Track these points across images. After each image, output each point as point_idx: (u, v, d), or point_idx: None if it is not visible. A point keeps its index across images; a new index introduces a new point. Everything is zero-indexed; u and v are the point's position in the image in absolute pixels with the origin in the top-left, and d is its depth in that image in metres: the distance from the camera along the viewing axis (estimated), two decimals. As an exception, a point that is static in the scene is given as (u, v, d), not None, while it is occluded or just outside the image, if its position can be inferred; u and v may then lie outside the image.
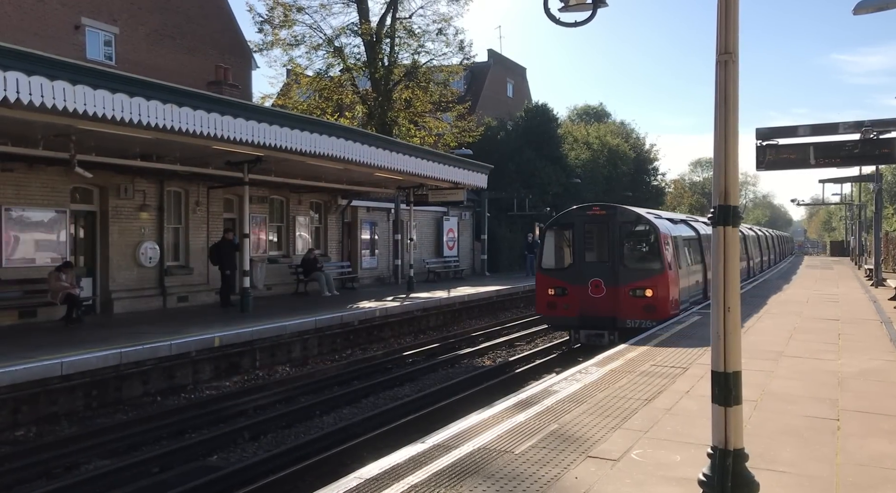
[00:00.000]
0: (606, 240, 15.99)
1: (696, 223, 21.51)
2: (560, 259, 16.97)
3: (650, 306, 15.33)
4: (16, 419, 10.65)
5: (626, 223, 16.15)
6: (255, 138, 14.75)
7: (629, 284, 15.46)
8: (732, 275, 4.42)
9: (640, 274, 15.58)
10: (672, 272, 15.74)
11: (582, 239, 16.19)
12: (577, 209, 16.91)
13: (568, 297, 15.96)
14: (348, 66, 33.29)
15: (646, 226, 16.13)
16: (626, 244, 16.15)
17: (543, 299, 16.47)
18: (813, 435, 6.80)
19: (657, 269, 15.52)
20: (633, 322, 15.24)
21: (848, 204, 59.78)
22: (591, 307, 15.72)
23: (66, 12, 24.34)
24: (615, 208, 16.42)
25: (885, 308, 18.73)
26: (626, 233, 16.16)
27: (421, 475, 5.62)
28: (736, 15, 4.38)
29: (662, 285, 15.39)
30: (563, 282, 16.13)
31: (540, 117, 45.84)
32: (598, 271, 15.76)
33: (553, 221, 17.57)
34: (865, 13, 12.94)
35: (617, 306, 15.48)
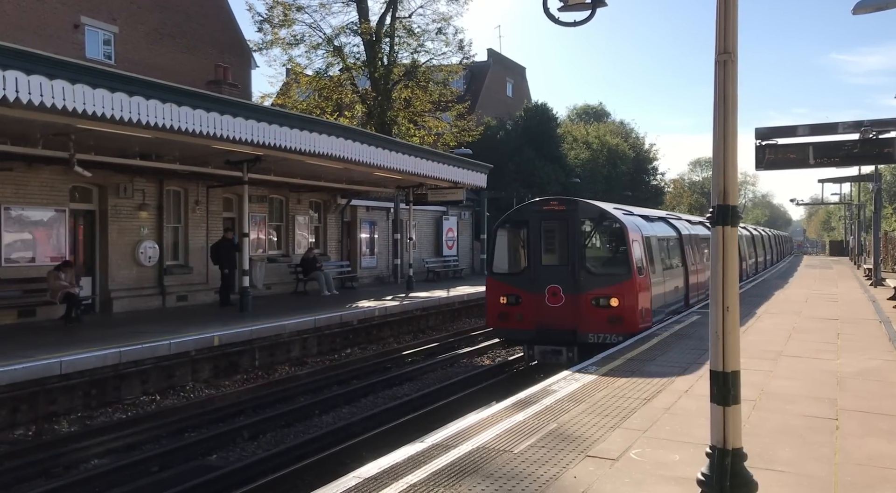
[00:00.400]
0: (566, 240, 13.90)
1: (677, 221, 19.87)
2: (513, 262, 14.84)
3: (615, 317, 13.25)
4: (15, 419, 10.65)
5: (589, 220, 14.03)
6: (254, 138, 14.75)
7: (591, 291, 13.36)
8: (731, 275, 4.42)
9: (605, 280, 13.56)
10: (643, 278, 13.76)
11: (538, 239, 13.98)
12: (533, 204, 14.83)
13: (522, 306, 13.85)
14: (348, 66, 33.29)
15: (611, 223, 14.02)
16: (588, 245, 14.17)
17: (494, 308, 14.35)
18: (812, 435, 6.80)
19: (623, 273, 13.47)
20: (595, 337, 13.24)
21: (847, 204, 59.83)
22: (548, 319, 13.61)
23: (65, 11, 24.32)
24: (575, 203, 14.24)
25: (884, 308, 18.73)
26: (588, 231, 14.13)
27: (420, 475, 5.62)
28: (735, 15, 4.38)
29: (630, 292, 13.31)
30: (517, 289, 14.00)
31: (539, 117, 45.86)
32: (557, 276, 13.65)
33: (505, 218, 15.12)
34: (865, 13, 12.95)
35: (578, 317, 13.38)
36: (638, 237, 14.04)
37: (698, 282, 19.27)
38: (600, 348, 12.01)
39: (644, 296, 13.76)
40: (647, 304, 13.91)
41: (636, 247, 13.74)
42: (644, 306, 13.76)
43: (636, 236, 13.94)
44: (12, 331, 14.55)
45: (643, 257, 14.02)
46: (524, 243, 14.25)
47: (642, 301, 13.66)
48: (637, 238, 13.94)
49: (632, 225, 14.14)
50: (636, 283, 13.42)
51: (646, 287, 13.90)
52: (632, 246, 13.51)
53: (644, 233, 14.68)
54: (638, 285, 13.47)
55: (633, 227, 14.17)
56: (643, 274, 13.81)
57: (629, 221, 14.31)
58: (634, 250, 13.59)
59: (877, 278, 27.86)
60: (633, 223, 14.33)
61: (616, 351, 11.54)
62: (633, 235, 13.72)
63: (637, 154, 60.58)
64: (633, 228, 14.06)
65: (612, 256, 14.46)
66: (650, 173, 63.74)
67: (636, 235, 13.98)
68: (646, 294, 13.87)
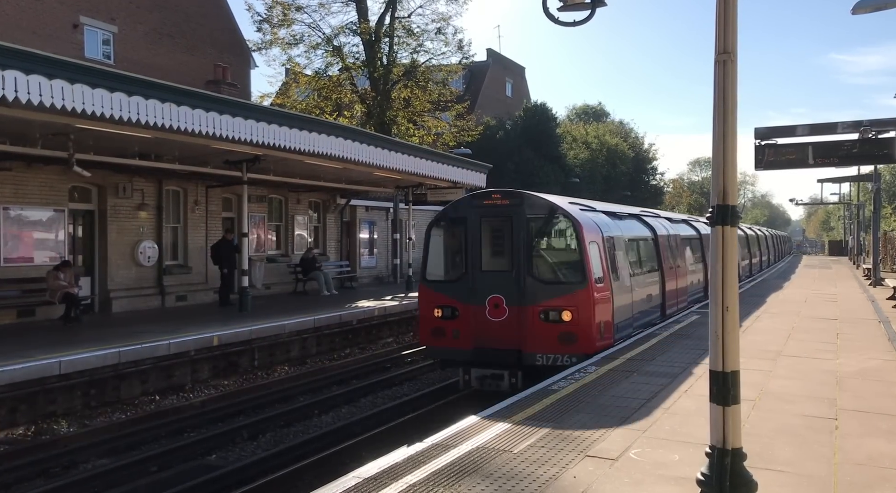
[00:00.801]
0: (510, 240, 11.80)
1: (654, 219, 17.73)
2: (450, 268, 12.63)
3: (568, 334, 11.14)
4: (14, 419, 10.64)
5: (537, 217, 11.87)
6: (253, 137, 14.74)
7: (539, 303, 11.31)
8: (731, 274, 4.42)
9: (555, 289, 11.46)
10: (602, 286, 11.67)
11: (478, 239, 11.94)
12: (472, 198, 12.57)
13: (459, 320, 11.79)
14: (347, 66, 33.29)
15: (563, 220, 11.90)
16: (536, 247, 11.96)
17: (427, 322, 12.18)
18: (811, 435, 6.80)
19: (577, 281, 11.35)
20: (544, 358, 11.21)
21: (846, 204, 59.87)
22: (488, 336, 11.56)
23: (64, 11, 24.31)
24: (521, 196, 12.08)
25: (884, 308, 18.74)
26: (536, 230, 11.94)
27: (419, 475, 5.62)
28: (735, 15, 4.38)
29: (585, 304, 11.21)
30: (453, 300, 11.89)
31: (539, 117, 45.90)
32: (499, 284, 11.60)
33: (441, 215, 12.95)
34: (864, 13, 12.95)
35: (523, 334, 11.32)
36: (597, 238, 12.02)
37: (677, 288, 17.38)
38: (550, 372, 9.96)
39: (603, 308, 11.64)
40: (607, 317, 11.76)
41: (594, 249, 11.68)
42: (603, 320, 11.62)
43: (594, 237, 11.92)
44: (11, 331, 14.54)
45: (603, 261, 11.95)
46: (462, 245, 12.12)
47: (601, 314, 11.52)
48: (596, 239, 11.94)
49: (588, 223, 12.12)
50: (593, 292, 11.27)
51: (606, 297, 11.76)
52: (587, 248, 11.43)
53: (607, 233, 12.64)
54: (595, 294, 11.33)
55: (591, 225, 12.14)
56: (603, 281, 11.73)
57: (585, 218, 12.28)
58: (591, 253, 11.53)
59: (876, 277, 27.87)
60: (590, 221, 12.31)
61: (616, 351, 11.54)
62: (589, 235, 11.69)
63: (636, 154, 60.63)
64: (591, 227, 12.04)
65: (565, 260, 12.13)
66: (649, 173, 63.78)
67: (594, 236, 11.95)
68: (606, 306, 11.74)
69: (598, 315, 11.43)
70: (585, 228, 11.67)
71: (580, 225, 11.61)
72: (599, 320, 11.47)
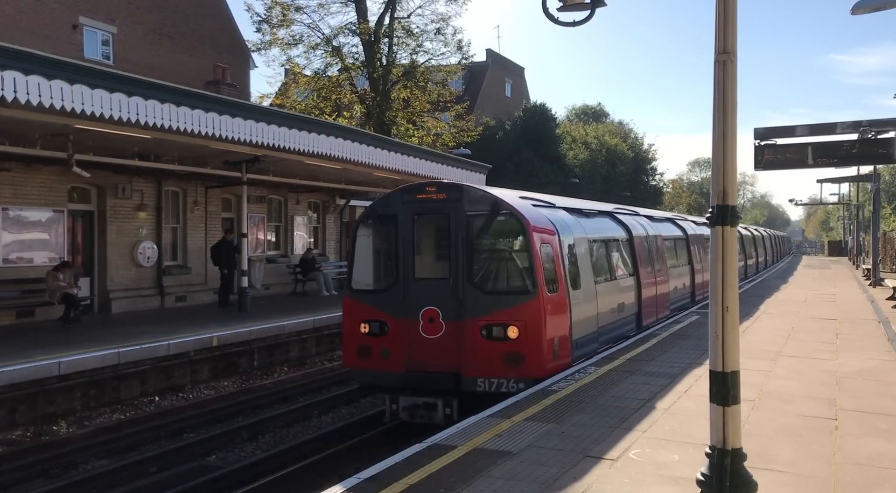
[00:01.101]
0: (447, 241, 10.06)
1: (631, 218, 15.77)
2: (380, 275, 10.75)
3: (514, 354, 9.37)
4: (13, 419, 10.64)
5: (478, 214, 10.00)
6: (253, 138, 14.74)
7: (481, 317, 9.54)
8: (730, 275, 4.41)
9: (500, 300, 9.68)
10: (556, 296, 9.94)
11: (410, 241, 10.11)
12: (404, 191, 10.53)
13: (388, 338, 10.00)
14: (346, 66, 33.29)
15: (509, 218, 10.00)
16: (477, 249, 10.08)
17: (353, 339, 10.36)
18: (811, 435, 6.80)
19: (526, 290, 9.62)
20: (486, 383, 9.43)
21: (846, 204, 59.89)
22: (423, 356, 9.80)
23: (63, 11, 24.29)
24: (460, 189, 10.24)
25: (883, 308, 18.74)
26: (478, 229, 10.04)
27: (419, 475, 5.62)
28: (734, 14, 4.38)
29: (535, 317, 9.45)
30: (382, 313, 10.08)
31: (538, 117, 45.90)
32: (435, 294, 9.83)
33: (368, 212, 11.15)
34: (863, 13, 12.96)
35: (462, 354, 9.55)
36: (551, 239, 10.27)
37: (657, 295, 15.64)
38: (493, 400, 8.48)
39: (558, 321, 9.95)
40: (563, 332, 10.08)
41: (546, 252, 9.97)
42: (558, 336, 9.89)
43: (547, 237, 10.17)
44: (11, 332, 14.53)
45: (559, 266, 10.22)
46: (392, 248, 10.30)
47: (554, 329, 9.82)
48: (549, 240, 10.20)
49: (540, 221, 10.30)
50: (544, 303, 9.51)
51: (561, 309, 10.08)
52: (537, 251, 9.67)
53: (566, 232, 10.94)
54: (547, 306, 9.60)
55: (543, 224, 10.34)
56: (558, 290, 10.01)
57: (537, 215, 10.42)
58: (543, 257, 9.80)
59: (875, 278, 27.88)
60: (542, 219, 10.46)
61: (615, 351, 11.54)
62: (540, 236, 9.93)
63: (636, 154, 60.63)
64: (543, 226, 10.26)
65: (511, 265, 10.32)
66: (649, 174, 63.77)
67: (547, 236, 10.20)
68: (561, 319, 10.05)
69: (551, 331, 9.67)
70: (535, 228, 9.90)
71: (528, 224, 9.80)
72: (552, 337, 9.69)
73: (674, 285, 17.62)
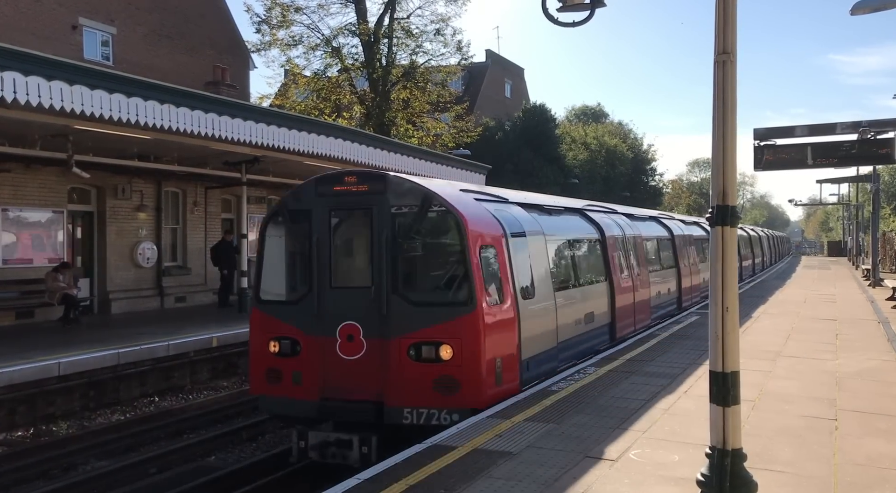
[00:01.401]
0: (369, 244, 8.45)
1: (605, 216, 14.17)
2: (292, 283, 9.11)
3: (448, 380, 7.85)
4: (13, 420, 10.63)
5: (406, 210, 8.39)
6: (252, 138, 14.75)
7: (409, 333, 8.02)
8: (730, 275, 4.42)
9: (430, 314, 8.09)
10: (501, 308, 8.43)
11: (326, 242, 8.55)
12: (320, 182, 8.86)
13: (301, 359, 8.44)
14: (346, 67, 33.30)
15: (443, 214, 8.34)
16: (405, 252, 8.52)
17: (260, 360, 8.77)
18: (811, 435, 6.80)
19: (462, 301, 8.06)
20: (413, 414, 7.91)
21: (845, 204, 59.93)
22: (340, 381, 8.24)
23: (63, 12, 24.29)
24: (384, 180, 8.58)
25: (883, 308, 18.75)
26: (405, 228, 8.43)
27: (419, 476, 5.62)
28: (734, 15, 4.38)
29: (472, 334, 7.91)
30: (294, 328, 8.52)
31: (538, 118, 45.91)
32: (355, 307, 8.28)
33: (278, 208, 9.25)
34: (863, 13, 12.96)
35: (386, 379, 8.05)
36: (496, 239, 8.71)
37: (635, 302, 14.05)
38: (423, 434, 7.01)
39: (503, 338, 8.41)
40: (509, 350, 8.51)
41: (489, 255, 8.48)
42: (502, 356, 8.33)
43: (490, 238, 8.61)
44: (10, 332, 14.53)
45: (506, 272, 8.67)
46: (307, 251, 8.66)
47: (498, 347, 8.25)
48: (493, 240, 8.65)
49: (481, 218, 8.73)
50: (483, 317, 7.97)
51: (508, 323, 8.53)
52: (475, 254, 8.14)
53: (516, 232, 9.33)
54: (488, 320, 8.06)
55: (486, 222, 8.77)
56: (503, 301, 8.51)
57: (477, 212, 8.81)
58: (484, 261, 8.31)
59: (875, 278, 27.88)
60: (485, 217, 8.88)
61: (615, 352, 11.53)
62: (481, 236, 8.40)
63: (635, 155, 60.64)
64: (485, 225, 8.68)
65: (445, 271, 8.65)
66: (648, 174, 63.78)
67: (491, 236, 8.64)
68: (507, 335, 8.50)
69: (493, 350, 8.10)
70: (474, 226, 8.31)
71: (465, 221, 8.17)
72: (495, 357, 8.15)
73: (656, 291, 16.00)
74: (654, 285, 15.82)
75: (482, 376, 7.93)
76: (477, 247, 8.19)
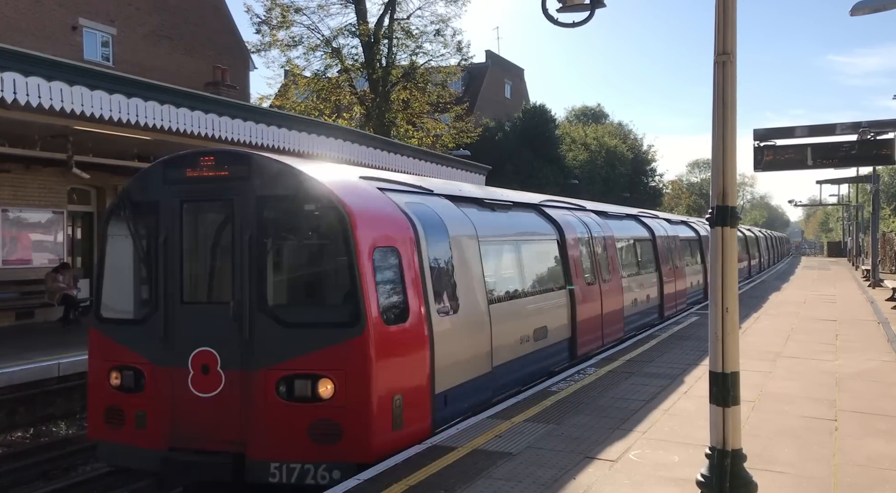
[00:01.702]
0: (229, 246, 6.68)
1: (562, 212, 12.16)
2: (139, 296, 7.23)
3: (327, 425, 6.14)
4: (13, 421, 10.63)
5: (276, 201, 6.63)
6: (252, 139, 14.74)
7: (278, 363, 6.30)
8: (730, 276, 4.42)
9: (306, 337, 6.35)
10: (401, 329, 6.64)
11: (177, 244, 6.81)
12: (166, 166, 7.05)
13: (146, 395, 6.69)
14: (346, 67, 33.32)
15: (325, 207, 6.51)
16: (275, 256, 6.79)
17: (99, 396, 6.95)
18: (811, 436, 6.80)
19: (345, 321, 6.30)
20: (283, 470, 6.17)
21: (845, 205, 59.94)
22: (191, 426, 6.50)
23: (63, 13, 24.30)
24: (248, 161, 6.76)
25: (883, 309, 18.74)
26: (275, 224, 6.72)
27: (419, 476, 5.62)
28: (734, 16, 4.39)
29: (358, 365, 6.17)
30: (137, 355, 6.76)
31: (538, 118, 45.92)
32: (211, 329, 6.56)
33: (121, 198, 7.26)
34: (862, 14, 12.96)
35: (249, 423, 6.33)
36: (400, 240, 6.87)
37: (605, 313, 12.39)
38: None
39: (405, 368, 6.61)
40: (415, 382, 6.70)
41: (387, 261, 6.63)
42: (404, 391, 6.50)
43: (391, 238, 6.78)
44: (10, 333, 14.52)
45: (414, 282, 6.84)
46: (153, 255, 6.87)
47: (397, 380, 6.46)
48: (396, 241, 6.81)
49: (378, 213, 6.90)
50: (373, 341, 6.16)
51: (413, 346, 6.73)
52: (365, 259, 6.29)
53: (435, 232, 7.50)
54: (383, 345, 6.27)
55: (386, 218, 6.95)
56: (407, 319, 6.66)
57: (373, 205, 6.94)
58: (379, 268, 6.48)
59: (875, 279, 27.88)
60: (384, 210, 7.02)
61: (615, 352, 11.52)
62: (373, 235, 6.50)
63: (635, 155, 60.65)
64: (384, 221, 6.89)
65: (326, 282, 6.97)
66: (648, 175, 63.80)
67: (392, 235, 6.81)
68: (412, 363, 6.69)
69: (389, 383, 6.30)
70: (366, 223, 6.44)
71: (352, 216, 6.27)
72: (391, 393, 6.31)
73: (632, 299, 14.28)
74: (630, 292, 14.16)
75: (371, 420, 6.07)
76: (369, 250, 6.34)
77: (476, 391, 7.87)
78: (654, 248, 16.94)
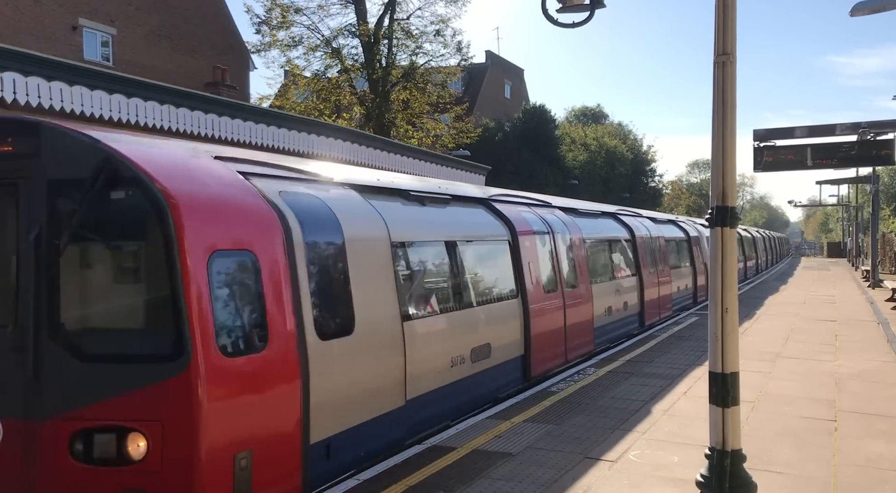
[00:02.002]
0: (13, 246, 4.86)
1: (517, 208, 10.56)
2: None
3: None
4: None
5: (74, 185, 4.69)
6: (252, 139, 14.76)
7: (74, 411, 4.57)
8: (730, 276, 4.42)
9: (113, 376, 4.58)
10: (256, 360, 4.94)
11: None
12: None
13: None
14: (346, 68, 33.33)
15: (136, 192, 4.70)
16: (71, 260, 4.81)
17: None
18: (810, 436, 6.80)
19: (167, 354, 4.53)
20: None
21: (845, 205, 59.96)
22: None
23: (63, 13, 24.31)
24: (36, 131, 4.84)
25: (883, 309, 18.75)
26: (69, 217, 4.70)
27: (419, 476, 5.62)
28: (734, 16, 4.39)
29: (182, 412, 4.44)
30: None
31: (538, 118, 45.94)
32: None
33: None
34: (862, 15, 12.97)
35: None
36: (256, 241, 5.18)
37: (569, 325, 10.79)
38: None
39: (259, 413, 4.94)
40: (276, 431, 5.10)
41: (232, 268, 5.03)
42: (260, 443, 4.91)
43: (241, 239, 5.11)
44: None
45: (277, 296, 5.20)
46: None
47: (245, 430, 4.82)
48: (251, 243, 5.14)
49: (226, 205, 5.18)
50: (203, 379, 4.51)
51: (272, 384, 5.09)
52: (195, 266, 4.64)
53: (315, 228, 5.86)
54: (220, 384, 4.65)
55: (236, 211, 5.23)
56: (268, 345, 5.05)
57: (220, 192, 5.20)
58: (218, 278, 4.84)
59: (875, 279, 27.89)
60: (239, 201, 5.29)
61: (615, 353, 11.52)
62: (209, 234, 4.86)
63: (635, 156, 60.66)
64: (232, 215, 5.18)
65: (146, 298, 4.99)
66: (648, 175, 63.81)
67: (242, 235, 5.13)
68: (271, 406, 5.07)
69: (230, 436, 4.69)
70: (199, 217, 4.82)
71: (176, 207, 4.63)
72: (235, 449, 4.71)
73: (605, 307, 12.63)
74: (602, 299, 12.46)
75: (199, 490, 4.45)
76: (204, 253, 4.69)
77: (380, 433, 6.20)
78: (635, 249, 15.22)
